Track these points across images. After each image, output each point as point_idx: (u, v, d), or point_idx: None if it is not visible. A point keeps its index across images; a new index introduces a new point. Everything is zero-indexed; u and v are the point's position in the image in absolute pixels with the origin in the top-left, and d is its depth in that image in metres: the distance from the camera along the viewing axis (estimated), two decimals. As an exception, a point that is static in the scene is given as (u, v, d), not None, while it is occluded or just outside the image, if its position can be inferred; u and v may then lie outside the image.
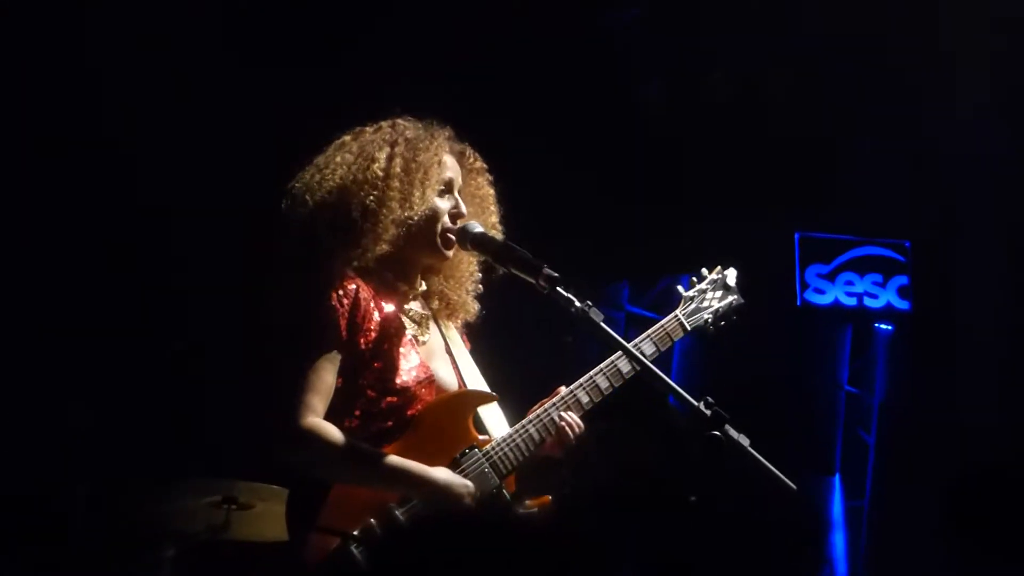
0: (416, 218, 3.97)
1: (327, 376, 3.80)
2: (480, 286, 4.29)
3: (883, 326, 8.82)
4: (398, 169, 3.99)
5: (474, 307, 4.27)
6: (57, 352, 6.56)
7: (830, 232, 8.76)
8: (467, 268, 4.25)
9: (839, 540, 8.68)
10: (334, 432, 3.75)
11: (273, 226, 4.05)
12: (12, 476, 6.29)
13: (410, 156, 4.03)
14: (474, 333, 4.34)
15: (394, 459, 3.79)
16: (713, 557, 7.69)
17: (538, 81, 7.48)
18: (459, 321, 4.27)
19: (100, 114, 6.56)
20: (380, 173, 3.98)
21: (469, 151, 4.25)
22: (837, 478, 8.82)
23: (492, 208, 4.26)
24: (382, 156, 4.02)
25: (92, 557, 5.96)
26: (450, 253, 4.09)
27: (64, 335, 6.57)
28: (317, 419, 3.76)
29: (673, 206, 8.03)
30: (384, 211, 3.94)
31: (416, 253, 4.07)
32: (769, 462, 3.48)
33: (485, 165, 4.28)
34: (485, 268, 4.27)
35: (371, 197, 3.95)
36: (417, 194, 3.98)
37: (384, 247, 3.94)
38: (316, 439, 3.73)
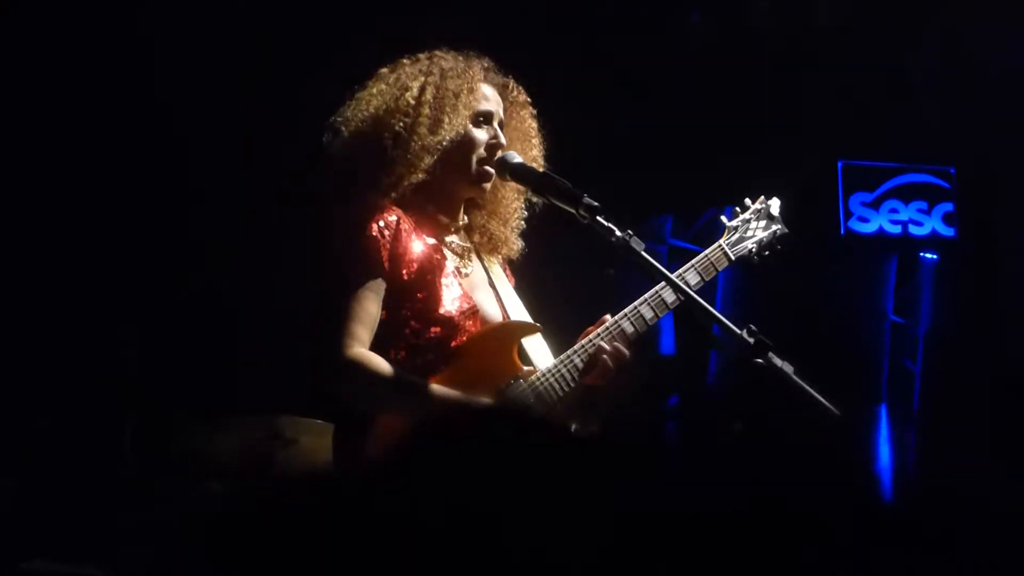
0: (446, 144, 3.96)
1: (371, 307, 3.83)
2: (523, 223, 4.27)
3: (928, 255, 8.75)
4: (429, 96, 3.99)
5: (517, 244, 4.26)
6: (106, 288, 6.59)
7: (873, 160, 8.69)
8: (511, 204, 4.24)
9: (886, 469, 8.67)
10: (379, 362, 3.78)
11: (317, 160, 4.08)
12: (63, 411, 6.35)
13: (442, 83, 4.02)
14: (516, 266, 4.33)
15: (439, 389, 3.81)
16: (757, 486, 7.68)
17: (580, 10, 7.43)
18: (501, 257, 4.27)
19: (152, 45, 6.56)
20: (412, 101, 3.99)
21: (512, 84, 4.23)
22: (883, 407, 8.80)
23: (535, 142, 4.24)
24: (415, 85, 4.03)
25: (139, 491, 6.02)
26: (487, 184, 4.08)
27: (113, 272, 6.61)
28: (362, 349, 3.79)
29: (715, 137, 7.96)
30: (414, 137, 3.94)
31: (454, 184, 4.07)
32: (817, 391, 3.47)
33: (528, 99, 4.26)
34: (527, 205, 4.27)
35: (401, 124, 3.96)
36: (446, 120, 3.97)
37: (418, 175, 3.95)
38: (361, 369, 3.76)
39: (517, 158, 4.03)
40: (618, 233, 3.67)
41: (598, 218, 3.71)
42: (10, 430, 6.19)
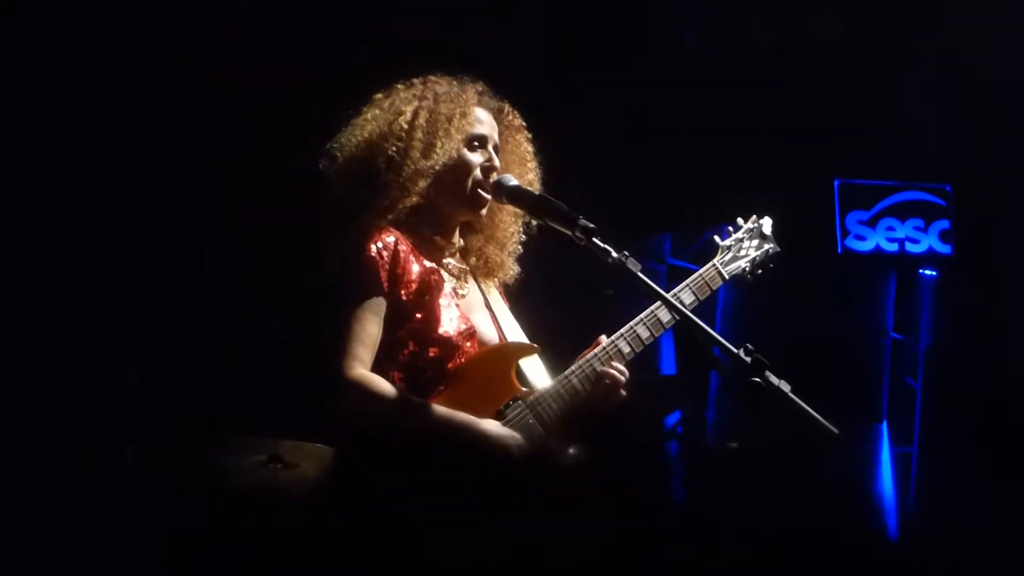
0: (439, 167, 4.02)
1: (372, 328, 3.85)
2: (520, 248, 4.31)
3: (927, 272, 8.77)
4: (422, 121, 4.05)
5: (513, 269, 4.31)
6: (108, 313, 6.60)
7: (870, 178, 8.72)
8: (508, 229, 4.28)
9: (887, 487, 8.67)
10: (381, 383, 3.80)
11: (315, 185, 4.10)
12: (65, 435, 6.36)
13: (435, 108, 4.08)
14: (515, 287, 4.35)
15: (442, 410, 3.82)
16: (759, 507, 7.69)
17: (578, 29, 7.46)
18: (497, 280, 4.31)
19: (152, 72, 6.57)
20: (405, 126, 4.05)
21: (508, 108, 4.28)
22: (884, 425, 8.81)
23: (531, 165, 4.29)
24: (408, 110, 4.09)
25: (140, 514, 6.03)
26: (483, 206, 4.12)
27: (112, 296, 6.61)
28: (364, 370, 3.81)
29: (714, 157, 7.99)
30: (408, 161, 4.00)
31: (449, 207, 4.11)
32: (815, 410, 3.47)
33: (524, 123, 4.31)
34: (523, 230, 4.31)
35: (394, 148, 4.02)
36: (439, 144, 4.02)
37: (413, 199, 4.00)
38: (363, 390, 3.78)
39: (513, 181, 4.07)
40: (614, 254, 3.69)
41: (594, 240, 3.73)
42: (14, 455, 6.20)
